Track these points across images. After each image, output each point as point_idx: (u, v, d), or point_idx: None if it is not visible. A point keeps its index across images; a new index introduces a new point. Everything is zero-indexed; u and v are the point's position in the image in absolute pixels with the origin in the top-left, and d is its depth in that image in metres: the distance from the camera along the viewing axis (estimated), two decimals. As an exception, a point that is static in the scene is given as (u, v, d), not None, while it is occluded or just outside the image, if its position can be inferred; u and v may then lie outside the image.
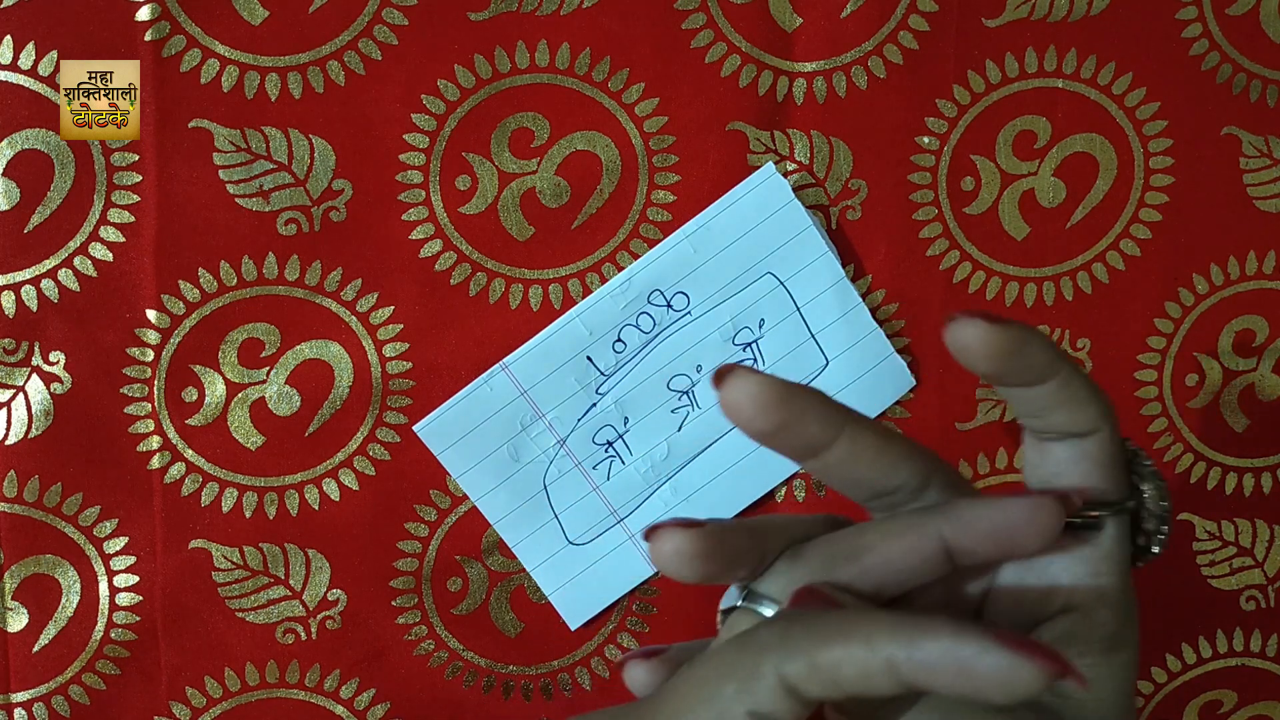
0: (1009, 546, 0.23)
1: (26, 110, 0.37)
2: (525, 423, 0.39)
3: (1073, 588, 0.24)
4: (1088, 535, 0.24)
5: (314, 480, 0.39)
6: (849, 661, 0.20)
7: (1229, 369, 0.41)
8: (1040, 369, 0.24)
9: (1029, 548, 0.23)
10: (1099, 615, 0.24)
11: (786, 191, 0.38)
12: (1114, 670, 0.24)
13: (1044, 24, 0.38)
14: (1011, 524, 0.22)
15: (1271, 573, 0.42)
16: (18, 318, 0.37)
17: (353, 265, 0.38)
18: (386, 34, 0.37)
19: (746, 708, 0.21)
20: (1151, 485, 0.25)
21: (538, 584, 0.40)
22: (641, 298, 0.39)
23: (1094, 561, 0.24)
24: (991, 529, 0.22)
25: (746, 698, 0.21)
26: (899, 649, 0.20)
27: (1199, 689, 0.43)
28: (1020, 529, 0.22)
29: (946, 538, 0.23)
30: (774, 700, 0.21)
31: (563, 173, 0.38)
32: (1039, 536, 0.22)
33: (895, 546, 0.23)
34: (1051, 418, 0.24)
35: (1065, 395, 0.24)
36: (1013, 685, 0.20)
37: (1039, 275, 0.40)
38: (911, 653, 0.20)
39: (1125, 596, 0.24)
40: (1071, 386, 0.24)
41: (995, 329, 0.23)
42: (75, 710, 0.40)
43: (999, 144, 0.39)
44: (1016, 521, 0.22)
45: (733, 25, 0.38)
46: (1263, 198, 0.40)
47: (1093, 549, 0.24)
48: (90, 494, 0.39)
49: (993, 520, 0.23)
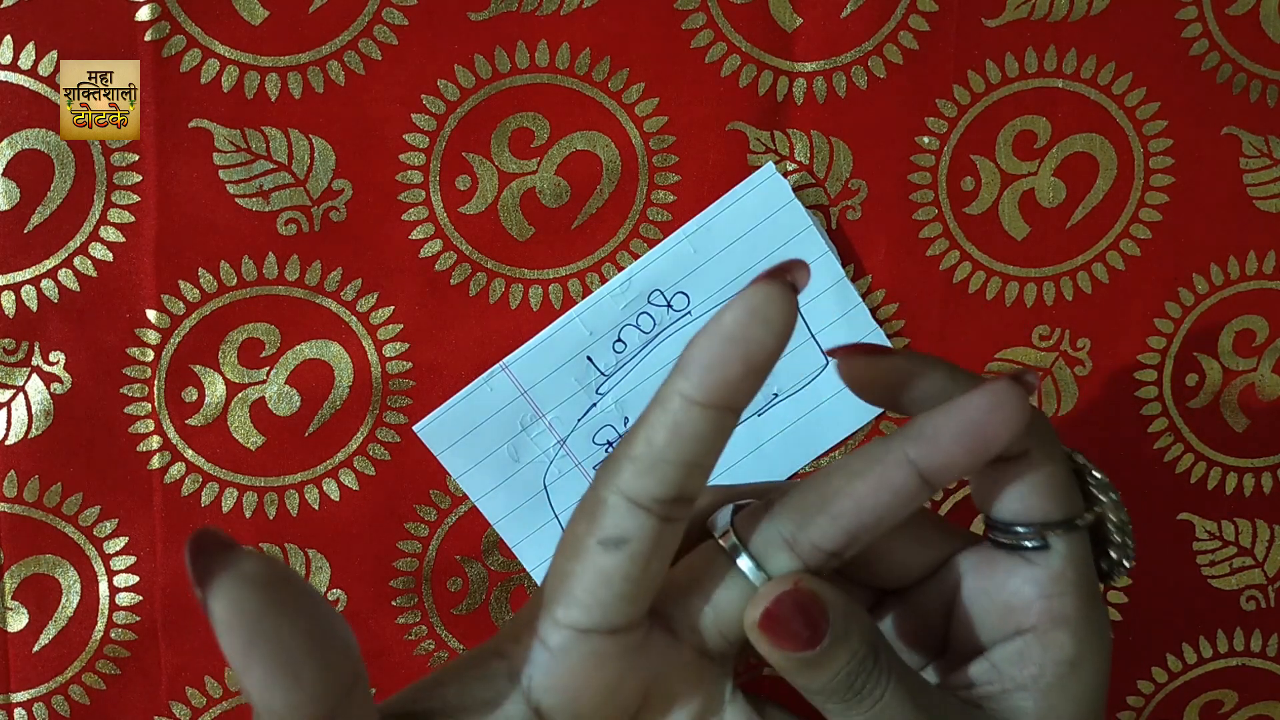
0: (980, 446, 0.21)
1: (26, 110, 0.37)
2: (525, 423, 0.39)
3: (1025, 610, 0.23)
4: (1035, 556, 0.24)
5: (314, 480, 0.39)
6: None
7: (1229, 369, 0.41)
8: (935, 398, 0.23)
9: (1001, 440, 0.21)
10: (1054, 637, 0.23)
11: (786, 191, 0.38)
12: (1073, 692, 0.23)
13: (1044, 24, 0.38)
14: (976, 420, 0.21)
15: (1272, 573, 0.42)
16: (18, 318, 0.38)
17: (353, 265, 0.38)
18: (386, 34, 0.37)
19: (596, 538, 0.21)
20: (1107, 499, 0.24)
21: (538, 584, 0.40)
22: (642, 298, 0.39)
23: (1045, 583, 0.23)
24: (957, 431, 0.21)
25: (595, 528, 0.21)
26: (911, 448, 0.21)
27: (1199, 689, 0.43)
28: (986, 423, 0.21)
29: (914, 459, 0.21)
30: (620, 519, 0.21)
31: (563, 173, 0.38)
32: (1007, 425, 0.21)
33: (862, 486, 0.22)
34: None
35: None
36: (1004, 409, 0.21)
37: (1039, 275, 0.40)
38: (921, 444, 0.21)
39: (1085, 615, 0.24)
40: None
41: (874, 360, 0.23)
42: (75, 710, 0.40)
43: (999, 144, 0.39)
44: (980, 416, 0.21)
45: (733, 25, 0.38)
46: (1263, 198, 0.40)
47: (1042, 570, 0.23)
48: (90, 494, 0.39)
49: (956, 422, 0.21)
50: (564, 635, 0.21)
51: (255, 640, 0.18)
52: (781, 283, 0.20)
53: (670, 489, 0.21)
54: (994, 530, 0.24)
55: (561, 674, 0.21)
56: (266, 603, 0.18)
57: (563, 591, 0.22)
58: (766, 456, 0.39)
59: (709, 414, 0.20)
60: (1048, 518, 0.23)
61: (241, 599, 0.18)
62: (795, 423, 0.40)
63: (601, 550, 0.21)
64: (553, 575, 0.22)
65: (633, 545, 0.21)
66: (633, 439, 0.21)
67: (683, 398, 0.20)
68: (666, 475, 0.21)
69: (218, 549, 0.18)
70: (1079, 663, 0.23)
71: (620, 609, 0.21)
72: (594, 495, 0.22)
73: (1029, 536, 0.23)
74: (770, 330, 0.19)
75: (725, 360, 0.20)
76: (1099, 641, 0.24)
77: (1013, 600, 0.24)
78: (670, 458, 0.20)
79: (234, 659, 0.18)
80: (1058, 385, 0.40)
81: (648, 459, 0.21)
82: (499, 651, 0.22)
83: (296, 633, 0.18)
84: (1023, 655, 0.23)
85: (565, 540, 0.22)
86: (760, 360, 0.20)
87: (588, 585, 0.21)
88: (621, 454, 0.21)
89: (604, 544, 0.21)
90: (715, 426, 0.20)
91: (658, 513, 0.21)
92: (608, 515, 0.21)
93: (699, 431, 0.20)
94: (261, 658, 0.18)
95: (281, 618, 0.18)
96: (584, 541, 0.21)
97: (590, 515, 0.21)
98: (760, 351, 0.20)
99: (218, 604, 0.18)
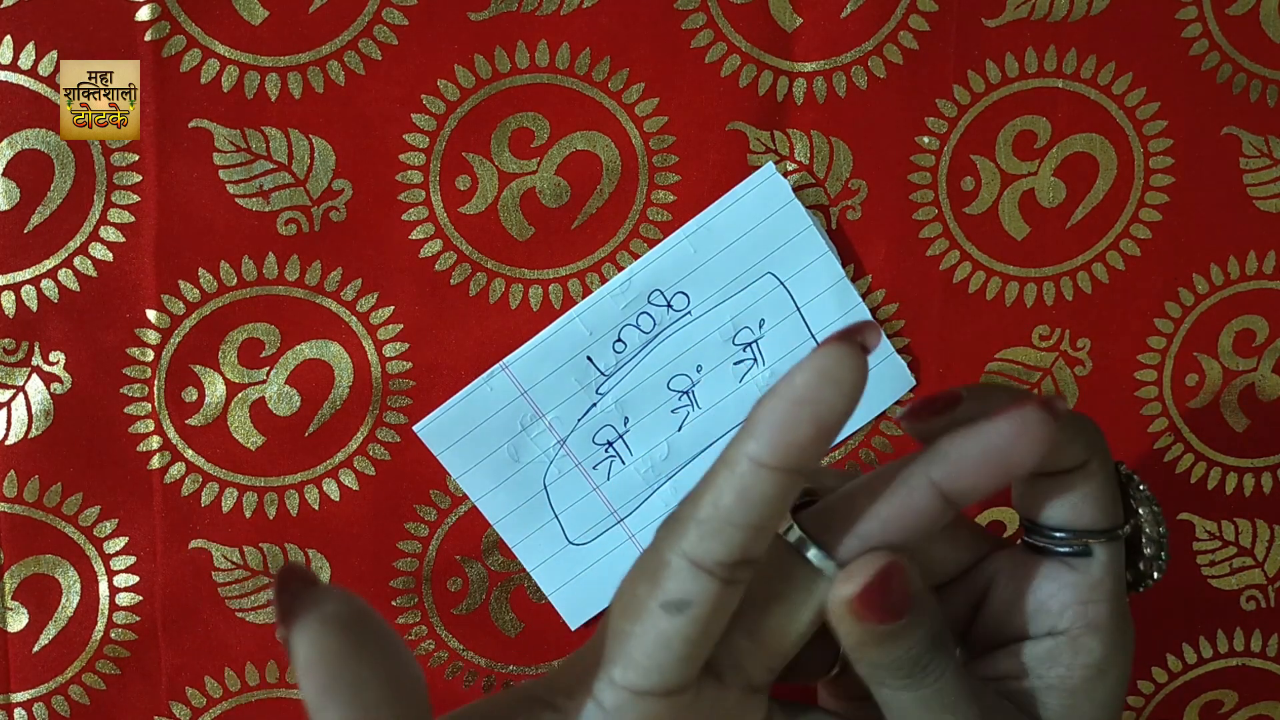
0: (1004, 472, 0.21)
1: (26, 110, 0.37)
2: (525, 423, 0.39)
3: (1060, 614, 0.24)
4: (1076, 562, 0.24)
5: (314, 480, 0.39)
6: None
7: (1229, 369, 0.41)
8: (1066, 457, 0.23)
9: (1025, 466, 0.21)
10: (1085, 642, 0.24)
11: (786, 191, 0.38)
12: (1098, 696, 0.24)
13: (1044, 24, 0.38)
14: (1000, 447, 0.21)
15: (1272, 573, 0.42)
16: (18, 318, 0.38)
17: (353, 265, 0.38)
18: (386, 34, 0.37)
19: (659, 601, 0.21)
20: (1147, 511, 0.24)
21: (538, 584, 0.40)
22: (641, 298, 0.39)
23: (1083, 589, 0.24)
24: (982, 457, 0.21)
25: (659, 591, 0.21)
26: (935, 470, 0.21)
27: (1199, 689, 0.43)
28: (1010, 450, 0.21)
29: (937, 481, 0.21)
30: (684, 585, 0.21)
31: (563, 173, 0.38)
32: (1031, 452, 0.21)
33: (886, 509, 0.22)
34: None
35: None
36: (1030, 436, 0.20)
37: (1039, 275, 0.40)
38: (945, 467, 0.21)
39: (1116, 624, 0.24)
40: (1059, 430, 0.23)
41: (941, 415, 0.23)
42: (75, 710, 0.40)
43: (999, 144, 0.39)
44: (1004, 443, 0.21)
45: (733, 25, 0.38)
46: (1263, 198, 0.40)
47: (1082, 576, 0.24)
48: (90, 494, 0.39)
49: (981, 447, 0.21)
50: (620, 696, 0.21)
51: (335, 683, 0.18)
52: (852, 344, 0.19)
53: (736, 552, 0.21)
54: (1033, 534, 0.25)
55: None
56: (348, 645, 0.18)
57: (621, 653, 0.21)
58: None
59: (777, 476, 0.20)
60: (1094, 526, 0.24)
61: (324, 640, 0.18)
62: (795, 423, 0.39)
63: (663, 614, 0.21)
64: (610, 634, 0.22)
65: (695, 609, 0.21)
66: (698, 500, 0.21)
67: (751, 460, 0.20)
68: (732, 539, 0.20)
69: (302, 586, 0.18)
70: (1106, 669, 0.24)
71: (678, 671, 0.21)
72: (656, 556, 0.21)
73: (1069, 542, 0.24)
74: (841, 392, 0.19)
75: (796, 423, 0.19)
76: (1125, 650, 0.24)
77: (1049, 603, 0.24)
78: (737, 521, 0.20)
79: (311, 699, 0.18)
80: (1058, 385, 0.40)
81: (714, 522, 0.20)
82: (550, 704, 0.22)
83: (375, 677, 0.18)
84: (1052, 655, 0.24)
85: (623, 599, 0.22)
86: (831, 423, 0.20)
87: (647, 649, 0.21)
88: (686, 515, 0.21)
89: (666, 607, 0.21)
90: (782, 489, 0.20)
91: (721, 576, 0.21)
92: (671, 578, 0.21)
93: (766, 495, 0.20)
94: (338, 702, 0.18)
95: (361, 661, 0.18)
96: (645, 603, 0.21)
97: (652, 577, 0.21)
98: (831, 414, 0.19)
99: (301, 644, 0.18)
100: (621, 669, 0.21)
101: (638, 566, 0.22)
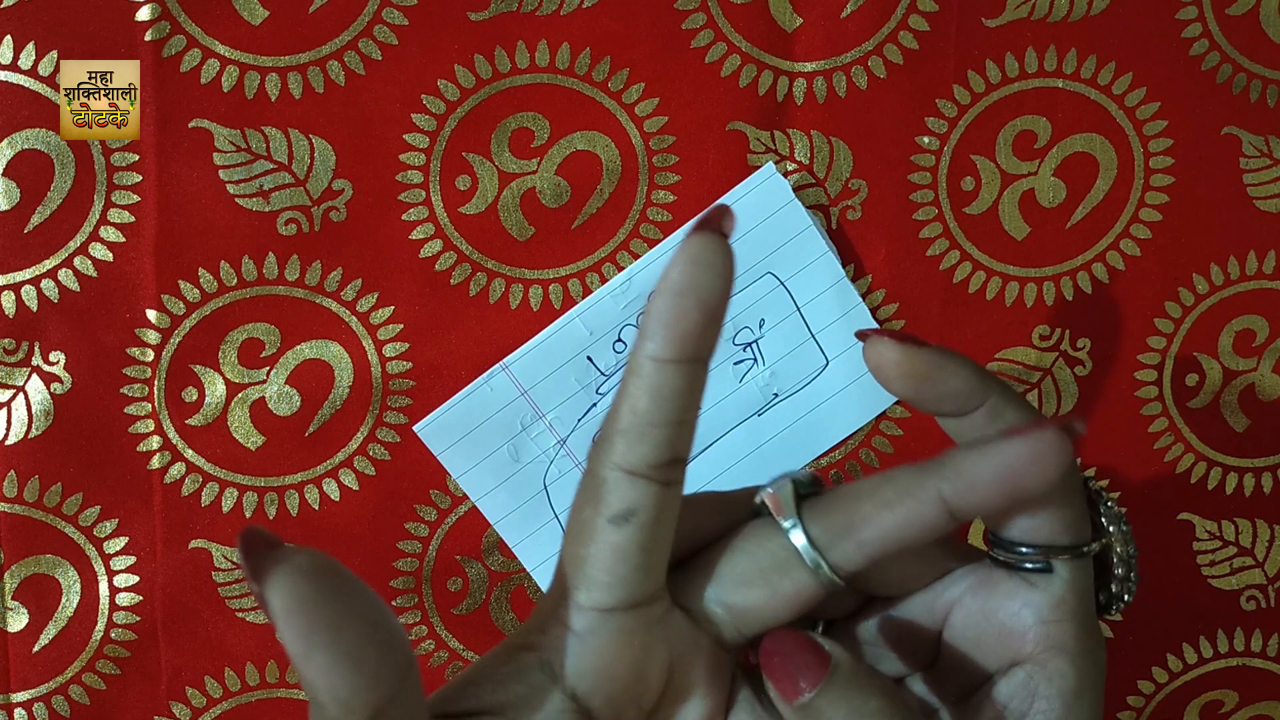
0: (1017, 494, 0.21)
1: (26, 110, 0.37)
2: (525, 423, 0.39)
3: (1023, 635, 0.23)
4: (1039, 580, 0.23)
5: (314, 480, 0.39)
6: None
7: (1229, 369, 0.41)
8: (962, 397, 0.23)
9: (1039, 489, 0.21)
10: (1055, 666, 0.23)
11: (786, 191, 0.38)
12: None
13: (1044, 24, 0.38)
14: (1016, 469, 0.21)
15: (1272, 573, 0.42)
16: (18, 318, 0.38)
17: (353, 265, 0.38)
18: (386, 34, 0.37)
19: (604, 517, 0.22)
20: (1117, 529, 0.24)
21: (538, 584, 0.40)
22: (642, 298, 0.39)
23: (1045, 609, 0.23)
24: (995, 478, 0.21)
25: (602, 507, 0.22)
26: (946, 486, 0.21)
27: (1199, 689, 0.43)
28: (1026, 473, 0.21)
29: (947, 496, 0.21)
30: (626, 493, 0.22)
31: (563, 173, 0.38)
32: (1047, 476, 0.21)
33: (891, 517, 0.22)
34: None
35: (996, 428, 0.23)
36: (1046, 460, 0.20)
37: (1039, 275, 0.40)
38: (957, 484, 0.21)
39: (1085, 646, 0.23)
40: (1003, 418, 0.23)
41: (907, 350, 0.23)
42: (75, 710, 0.40)
43: (999, 144, 0.39)
44: (1020, 465, 0.21)
45: (733, 25, 0.38)
46: (1263, 198, 0.40)
47: (1044, 595, 0.23)
48: (90, 494, 0.39)
49: (995, 468, 0.21)
50: (589, 618, 0.22)
51: (315, 628, 0.18)
52: (713, 230, 0.21)
53: (664, 452, 0.21)
54: (997, 547, 0.24)
55: (592, 656, 0.22)
56: (322, 591, 0.18)
57: (581, 575, 0.22)
58: (766, 456, 0.39)
59: (682, 369, 0.21)
60: (1054, 542, 0.23)
61: (298, 589, 0.18)
62: (795, 423, 0.40)
63: (612, 527, 0.21)
64: (566, 562, 0.23)
65: (640, 515, 0.21)
66: (616, 413, 0.22)
67: (653, 360, 0.21)
68: (658, 438, 0.21)
69: (267, 545, 0.19)
70: (1081, 693, 0.23)
71: (639, 581, 0.22)
72: (592, 477, 0.22)
73: (1032, 558, 0.23)
74: (716, 274, 0.20)
75: (684, 312, 0.20)
76: (1096, 671, 0.23)
77: (1010, 623, 0.23)
78: (657, 420, 0.21)
79: (295, 648, 0.18)
80: (1058, 385, 0.40)
81: (637, 428, 0.21)
82: (526, 645, 0.22)
83: (354, 619, 0.18)
84: (1028, 689, 0.23)
85: (571, 527, 0.23)
86: (714, 304, 0.21)
87: (605, 564, 0.22)
88: (609, 430, 0.22)
89: (614, 521, 0.21)
90: (690, 380, 0.21)
91: (657, 478, 0.22)
92: (611, 492, 0.22)
93: (677, 388, 0.21)
94: (323, 644, 0.18)
95: (338, 605, 0.18)
96: (593, 522, 0.22)
97: (594, 496, 0.22)
98: (712, 296, 0.20)
99: (276, 596, 0.18)
100: (586, 591, 0.22)
101: (579, 493, 0.23)
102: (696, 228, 0.21)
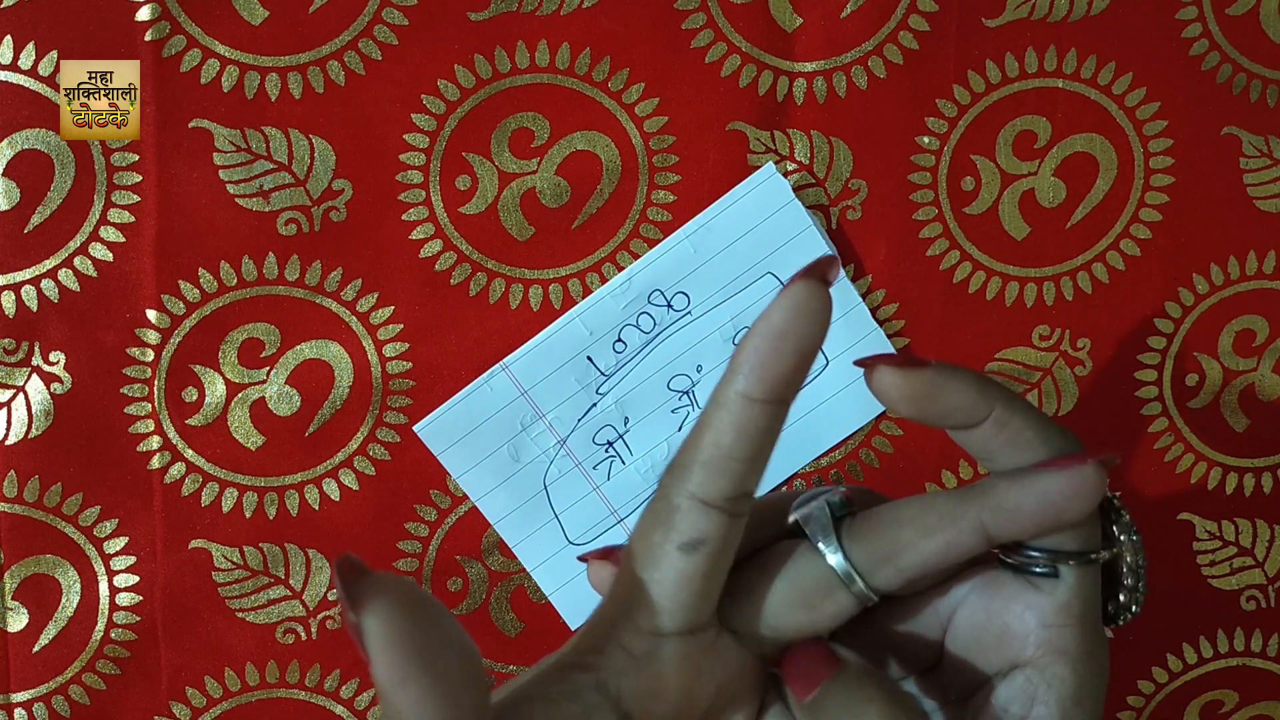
0: (1055, 525, 0.22)
1: (26, 110, 0.37)
2: (525, 423, 0.39)
3: (1024, 638, 0.23)
4: (1043, 584, 0.23)
5: (314, 480, 0.39)
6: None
7: (1229, 369, 0.41)
8: (966, 411, 0.23)
9: (1076, 520, 0.22)
10: (1055, 671, 0.23)
11: (786, 191, 0.38)
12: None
13: (1044, 24, 0.38)
14: (1056, 503, 0.22)
15: (1272, 573, 0.42)
16: (18, 318, 0.38)
17: (353, 265, 0.38)
18: (386, 34, 0.37)
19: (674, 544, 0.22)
20: (1128, 540, 0.24)
21: (538, 584, 0.40)
22: (642, 298, 0.39)
23: (1047, 613, 0.23)
24: (1038, 510, 0.22)
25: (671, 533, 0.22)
26: (988, 515, 0.22)
27: (1200, 689, 0.43)
28: (1068, 504, 0.22)
29: (987, 524, 0.22)
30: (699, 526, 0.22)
31: (563, 173, 0.38)
32: (1085, 506, 0.22)
33: (932, 545, 0.23)
34: (997, 461, 0.23)
35: (1005, 437, 0.23)
36: (1085, 494, 0.21)
37: (1039, 275, 0.40)
38: (999, 516, 0.22)
39: (1088, 652, 0.23)
40: (1010, 428, 0.23)
41: (907, 374, 0.23)
42: (75, 710, 0.40)
43: (999, 144, 0.39)
44: (1061, 500, 0.22)
45: (733, 25, 0.38)
46: (1263, 198, 0.40)
47: (1047, 599, 0.23)
48: (90, 494, 0.39)
49: (1038, 501, 0.22)
50: (649, 642, 0.22)
51: (410, 658, 0.18)
52: (817, 278, 0.21)
53: (739, 485, 0.22)
54: (1005, 549, 0.24)
55: (649, 679, 0.22)
56: (417, 622, 0.18)
57: (644, 599, 0.22)
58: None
59: (768, 409, 0.22)
60: (1062, 546, 0.23)
61: (395, 619, 0.18)
62: (795, 423, 0.40)
63: (681, 554, 0.22)
64: (628, 585, 0.23)
65: (709, 545, 0.22)
66: (697, 443, 0.22)
67: (742, 397, 0.21)
68: (736, 472, 0.22)
69: (361, 574, 0.19)
70: (1080, 700, 0.23)
71: (700, 608, 0.22)
72: (665, 502, 0.22)
73: (1040, 562, 0.23)
74: (814, 321, 0.21)
75: (780, 355, 0.21)
76: (1098, 679, 0.23)
77: (1013, 625, 0.24)
78: (739, 455, 0.22)
79: (389, 677, 0.18)
80: (1058, 385, 0.40)
81: (718, 461, 0.22)
82: (581, 665, 0.23)
83: (447, 650, 0.19)
84: (1027, 693, 0.23)
85: (637, 549, 0.23)
86: (808, 351, 0.21)
87: (669, 590, 0.22)
88: (688, 459, 0.22)
89: (683, 548, 0.22)
90: (773, 420, 0.22)
91: (729, 510, 0.22)
92: (684, 519, 0.22)
93: (761, 427, 0.22)
94: (416, 675, 0.18)
95: (431, 635, 0.18)
96: (662, 548, 0.22)
97: (664, 522, 0.22)
98: (808, 342, 0.21)
99: (373, 624, 0.18)
100: (646, 615, 0.22)
101: (647, 516, 0.23)
102: (802, 274, 0.21)
